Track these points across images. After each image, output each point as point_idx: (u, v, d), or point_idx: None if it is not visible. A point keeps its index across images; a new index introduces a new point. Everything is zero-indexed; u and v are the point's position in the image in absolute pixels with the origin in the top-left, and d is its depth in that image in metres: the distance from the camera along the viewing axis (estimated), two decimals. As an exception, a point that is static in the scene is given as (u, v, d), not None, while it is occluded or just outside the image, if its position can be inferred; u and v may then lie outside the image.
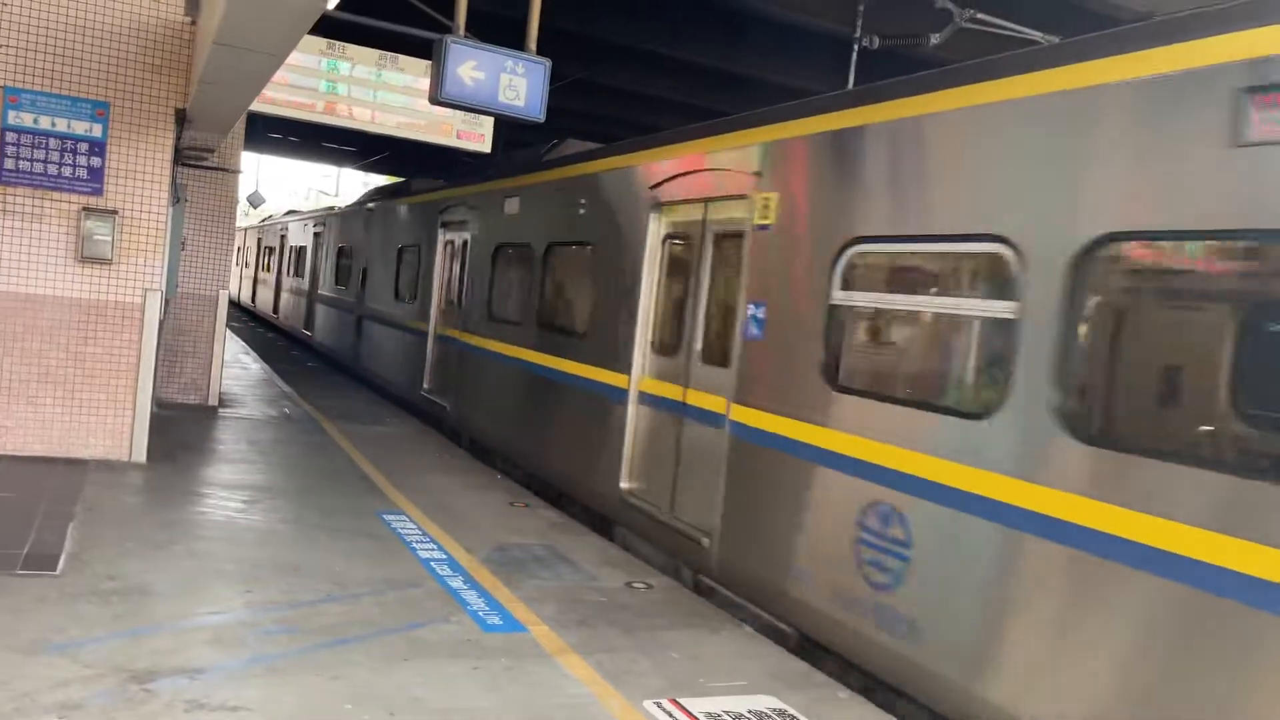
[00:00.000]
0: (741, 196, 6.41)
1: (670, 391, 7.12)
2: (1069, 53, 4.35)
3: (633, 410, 7.54)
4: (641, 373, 7.54)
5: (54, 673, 4.04)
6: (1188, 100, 3.75)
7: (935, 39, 11.03)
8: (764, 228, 6.12)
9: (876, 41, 11.43)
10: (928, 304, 5.12)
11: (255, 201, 25.70)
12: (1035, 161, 4.38)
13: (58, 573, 5.26)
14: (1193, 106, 3.72)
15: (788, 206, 5.95)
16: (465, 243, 11.55)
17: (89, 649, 4.32)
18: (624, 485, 7.53)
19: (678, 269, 7.36)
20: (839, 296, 5.42)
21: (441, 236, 12.31)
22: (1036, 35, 9.94)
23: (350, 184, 49.99)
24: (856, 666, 5.05)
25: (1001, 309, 4.45)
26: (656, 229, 7.52)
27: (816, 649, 5.34)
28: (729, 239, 6.66)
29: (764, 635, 5.63)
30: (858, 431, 5.14)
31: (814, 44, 12.19)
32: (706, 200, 6.87)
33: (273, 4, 4.42)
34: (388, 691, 4.26)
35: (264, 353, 18.93)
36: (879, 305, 5.39)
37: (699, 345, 6.91)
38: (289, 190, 47.83)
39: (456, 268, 11.93)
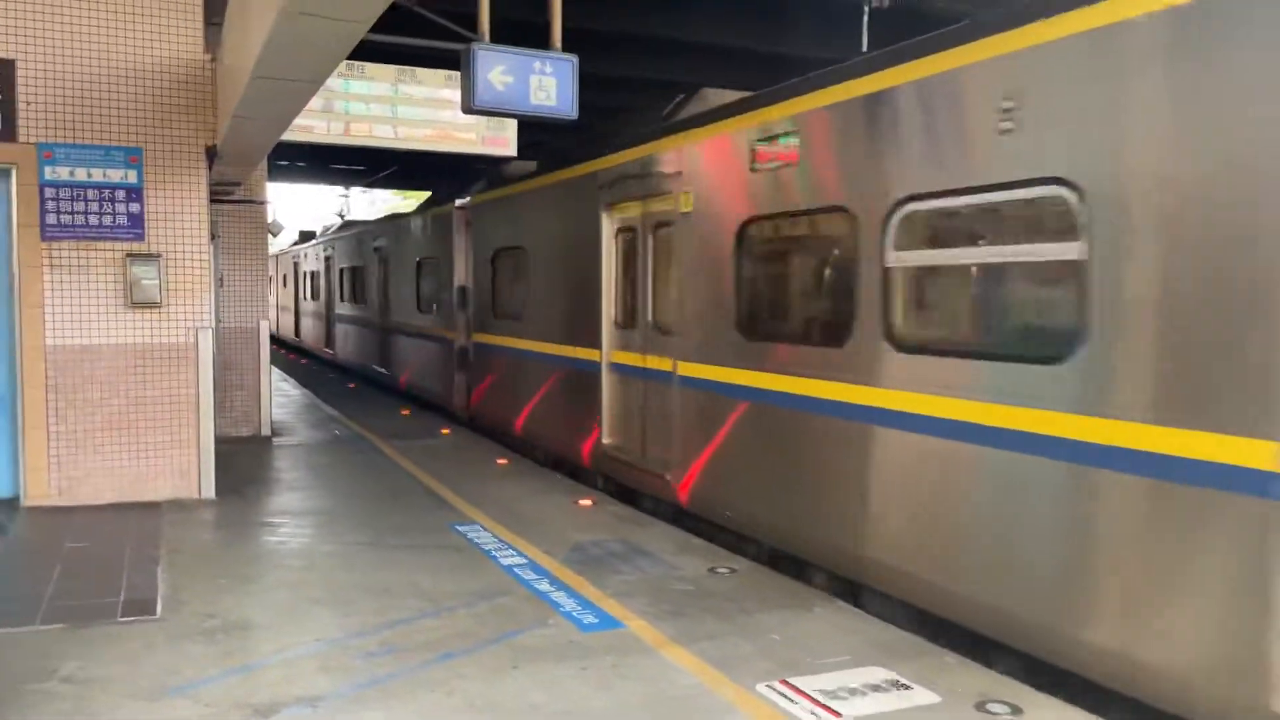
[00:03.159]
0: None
1: None
2: None
3: None
4: None
5: (180, 715, 4.10)
6: None
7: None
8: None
9: (886, 2, 11.34)
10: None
11: (275, 230, 25.77)
12: None
13: (157, 616, 5.33)
14: None
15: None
16: None
17: (207, 688, 4.38)
18: None
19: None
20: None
21: None
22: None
23: (358, 204, 50.08)
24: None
25: None
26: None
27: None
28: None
29: (861, 610, 5.63)
30: None
31: (825, 11, 12.08)
32: None
33: (313, 33, 4.43)
34: (504, 700, 4.30)
35: (301, 379, 19.07)
36: None
37: None
38: (304, 215, 48.25)
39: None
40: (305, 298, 26.58)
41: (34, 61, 7.58)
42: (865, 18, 11.45)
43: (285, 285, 30.44)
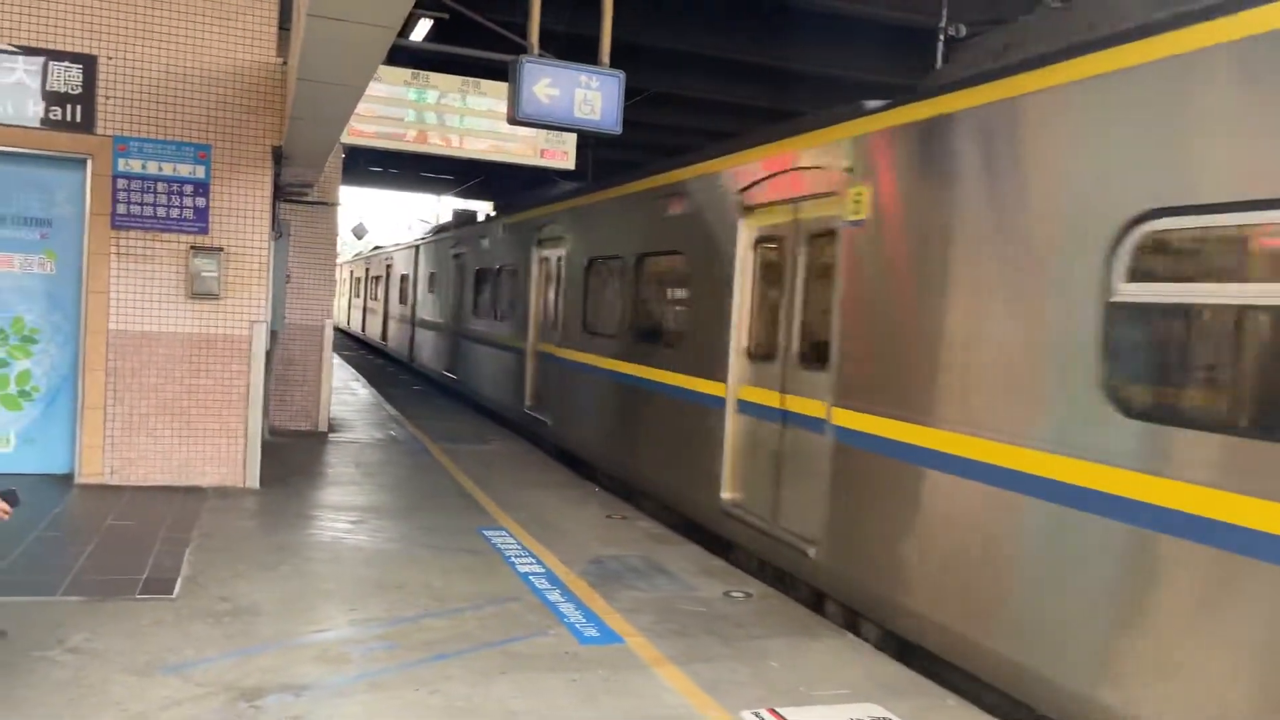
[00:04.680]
0: None
1: None
2: None
3: None
4: None
5: (167, 692, 4.20)
6: None
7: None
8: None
9: (963, 30, 11.15)
10: None
11: (359, 233, 26.61)
12: None
13: (174, 596, 5.48)
14: None
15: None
16: None
17: (201, 668, 4.48)
18: None
19: None
20: None
21: None
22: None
23: (448, 213, 51.40)
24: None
25: None
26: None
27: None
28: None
29: (868, 642, 5.49)
30: None
31: (892, 38, 11.99)
32: None
33: (341, 38, 4.54)
34: (485, 705, 4.29)
35: (373, 379, 19.52)
36: None
37: None
38: (395, 222, 49.61)
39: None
40: (473, 313, 16.58)
41: (115, 58, 7.94)
42: (940, 46, 11.29)
43: (431, 291, 20.35)
